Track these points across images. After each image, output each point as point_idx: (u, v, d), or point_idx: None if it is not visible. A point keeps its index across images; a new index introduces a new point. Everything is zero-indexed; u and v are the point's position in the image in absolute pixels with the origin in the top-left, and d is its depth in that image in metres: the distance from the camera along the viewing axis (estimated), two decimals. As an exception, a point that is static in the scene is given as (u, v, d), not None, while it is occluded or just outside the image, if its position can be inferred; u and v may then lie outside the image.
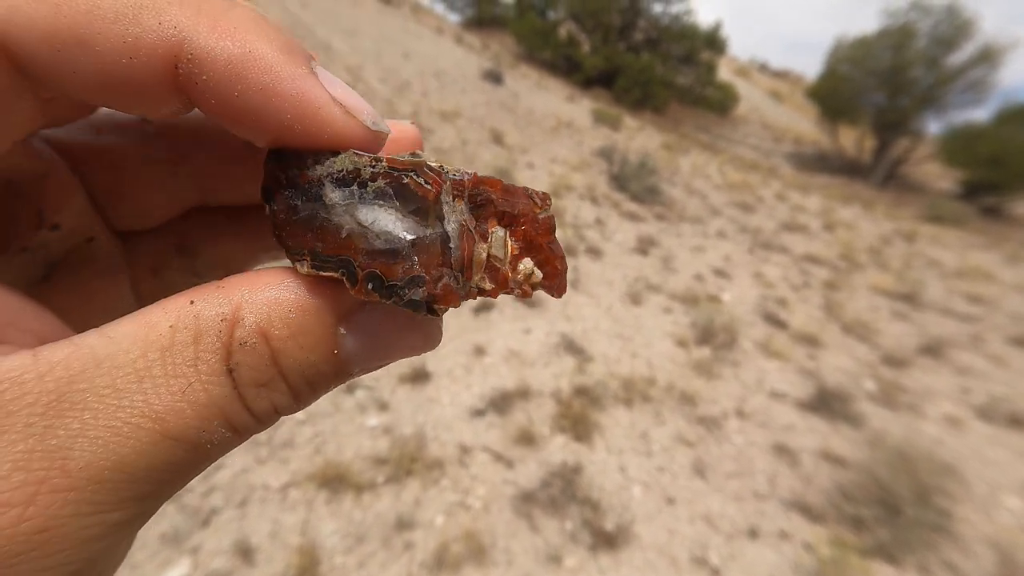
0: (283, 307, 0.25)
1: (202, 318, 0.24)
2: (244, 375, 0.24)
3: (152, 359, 0.23)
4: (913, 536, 2.86)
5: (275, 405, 0.25)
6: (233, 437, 0.25)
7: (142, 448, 0.22)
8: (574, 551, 2.54)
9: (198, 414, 0.23)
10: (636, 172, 8.67)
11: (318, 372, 0.26)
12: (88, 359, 0.22)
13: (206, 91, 0.23)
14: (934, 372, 4.93)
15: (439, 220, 0.25)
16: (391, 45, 12.14)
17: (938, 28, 21.35)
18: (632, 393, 3.69)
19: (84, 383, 0.22)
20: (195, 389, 0.23)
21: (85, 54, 0.21)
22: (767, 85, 40.93)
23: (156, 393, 0.22)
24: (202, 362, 0.23)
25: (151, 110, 0.25)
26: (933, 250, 9.91)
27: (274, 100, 0.23)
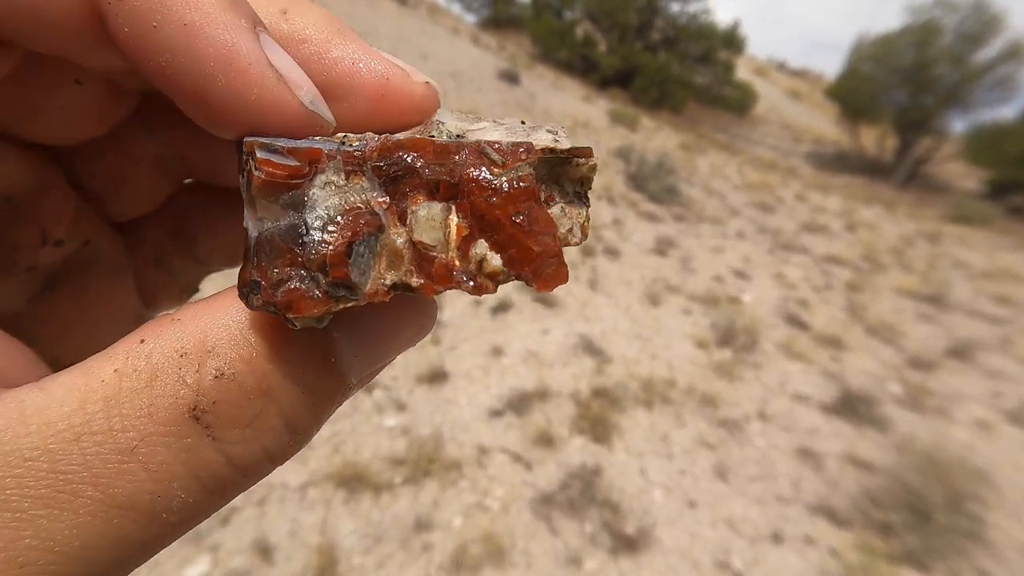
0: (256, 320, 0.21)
1: (155, 356, 0.20)
2: (222, 414, 0.19)
3: (92, 411, 0.18)
4: (944, 543, 2.78)
5: (265, 447, 0.21)
6: (206, 499, 0.20)
7: (81, 523, 0.18)
8: (594, 554, 2.51)
9: (153, 475, 0.18)
10: (654, 172, 8.60)
11: (316, 389, 0.21)
12: (15, 417, 0.18)
13: (120, 15, 0.19)
14: (962, 375, 4.82)
15: (291, 209, 0.20)
16: (408, 46, 12.18)
17: (964, 24, 20.96)
18: (652, 395, 3.65)
19: (6, 444, 0.18)
20: (151, 443, 0.19)
21: None
22: (786, 84, 40.54)
23: (98, 453, 0.18)
24: (158, 408, 0.19)
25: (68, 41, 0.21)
26: (959, 251, 9.73)
27: (196, 42, 0.19)
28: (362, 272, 0.20)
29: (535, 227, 0.22)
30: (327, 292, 0.20)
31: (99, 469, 0.18)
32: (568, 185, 0.26)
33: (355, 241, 0.20)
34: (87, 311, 0.31)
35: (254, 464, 0.21)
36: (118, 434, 0.18)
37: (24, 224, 0.28)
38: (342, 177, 0.21)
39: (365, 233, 0.20)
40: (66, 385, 0.19)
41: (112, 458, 0.18)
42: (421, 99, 0.25)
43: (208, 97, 0.20)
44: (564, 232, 0.24)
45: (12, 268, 0.29)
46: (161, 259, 0.34)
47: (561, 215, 0.24)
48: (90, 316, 0.31)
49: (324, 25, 0.24)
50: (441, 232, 0.21)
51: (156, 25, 0.19)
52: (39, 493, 0.17)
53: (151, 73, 0.20)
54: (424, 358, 3.47)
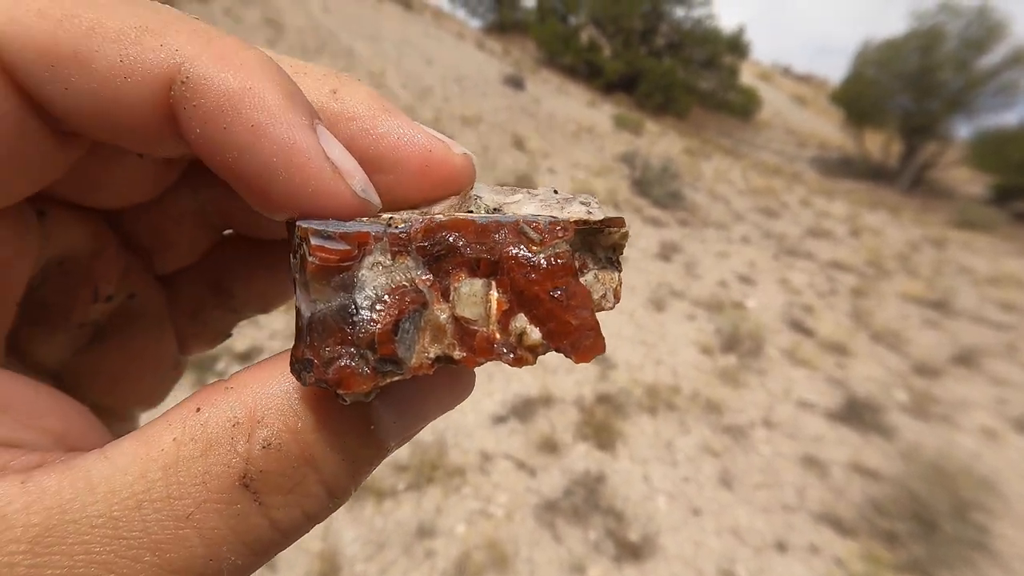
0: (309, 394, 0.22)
1: (210, 426, 0.21)
2: (269, 482, 0.21)
3: (153, 479, 0.20)
4: (950, 552, 2.77)
5: (305, 511, 0.22)
6: (252, 560, 0.21)
7: None
8: (598, 561, 2.50)
9: (206, 540, 0.20)
10: (658, 177, 8.60)
11: (357, 456, 0.23)
12: (82, 485, 0.19)
13: (194, 119, 0.21)
14: (968, 382, 4.79)
15: (341, 290, 0.21)
16: (413, 50, 12.21)
17: (968, 30, 20.94)
18: (656, 401, 3.64)
19: (76, 512, 0.19)
20: (205, 510, 0.20)
21: (80, 71, 0.20)
22: (790, 89, 40.52)
23: (157, 520, 0.19)
24: (212, 477, 0.20)
25: (140, 139, 0.23)
26: (964, 256, 9.70)
27: (262, 141, 0.21)
28: (408, 348, 0.21)
29: (572, 302, 0.23)
30: (375, 368, 0.21)
31: (158, 535, 0.19)
32: (600, 251, 0.27)
33: (401, 319, 0.21)
34: (132, 361, 0.33)
35: (294, 527, 0.22)
36: (175, 501, 0.20)
37: (78, 284, 0.31)
38: (388, 257, 0.22)
39: (411, 310, 0.21)
40: (128, 454, 0.20)
41: (169, 524, 0.19)
42: (460, 169, 0.27)
43: (270, 189, 0.22)
44: (598, 298, 0.26)
45: (64, 324, 0.31)
46: (198, 312, 0.36)
47: (595, 281, 0.26)
48: (135, 366, 0.33)
49: (371, 103, 0.26)
50: (482, 307, 0.22)
51: (226, 128, 0.21)
52: (103, 559, 0.18)
53: (217, 166, 0.22)
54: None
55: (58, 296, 0.30)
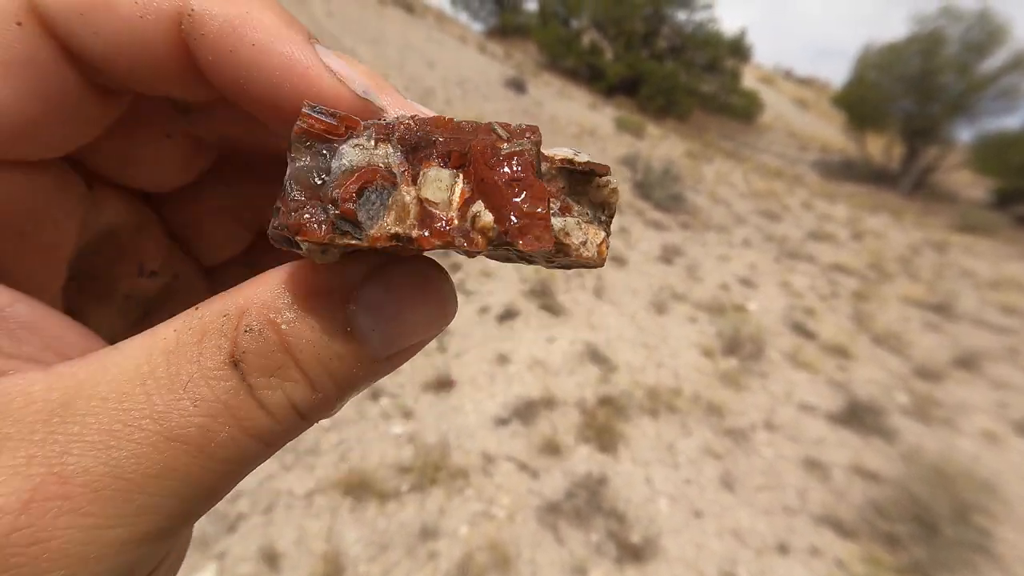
0: (287, 290, 0.24)
1: (206, 318, 0.24)
2: (252, 363, 0.23)
3: (156, 362, 0.22)
4: (951, 556, 2.77)
5: (290, 397, 0.23)
6: (246, 441, 0.23)
7: (141, 452, 0.21)
8: (600, 563, 2.50)
9: (202, 411, 0.22)
10: (660, 180, 8.61)
11: (334, 354, 0.24)
12: (96, 368, 0.22)
13: (203, 47, 0.24)
14: (969, 385, 4.80)
15: (319, 156, 0.23)
16: (415, 54, 12.24)
17: (969, 34, 20.95)
18: (658, 403, 3.64)
19: (89, 389, 0.21)
20: (197, 384, 0.22)
21: (107, 15, 0.23)
22: (792, 92, 40.52)
23: (159, 393, 0.22)
24: (205, 356, 0.23)
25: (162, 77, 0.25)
26: (965, 260, 9.69)
27: (264, 56, 0.24)
28: (370, 216, 0.23)
29: (527, 192, 0.24)
30: (333, 224, 0.22)
31: (159, 406, 0.21)
32: (589, 208, 0.28)
33: (367, 187, 0.23)
34: None
35: (283, 413, 0.23)
36: (174, 377, 0.22)
37: (125, 257, 0.34)
38: (372, 143, 0.24)
39: (379, 185, 0.23)
40: (136, 344, 0.23)
41: (169, 396, 0.21)
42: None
43: (279, 102, 0.25)
44: (577, 243, 0.26)
45: (113, 295, 0.34)
46: None
47: (576, 227, 0.26)
48: None
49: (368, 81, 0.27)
50: (446, 194, 0.24)
51: (232, 50, 0.24)
52: (111, 428, 0.21)
53: (233, 92, 0.25)
54: (430, 365, 3.48)
55: (105, 267, 0.33)
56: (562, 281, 5.04)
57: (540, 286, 4.68)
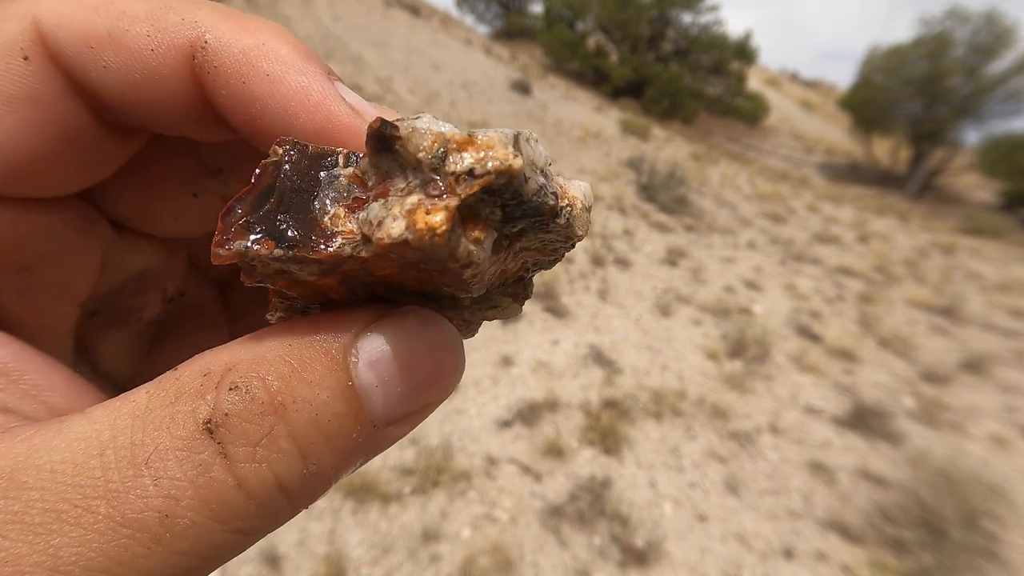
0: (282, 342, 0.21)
1: (183, 378, 0.20)
2: (233, 428, 0.19)
3: (120, 428, 0.19)
4: (958, 561, 2.74)
5: (276, 473, 0.20)
6: (214, 530, 0.19)
7: (85, 540, 0.17)
8: (603, 567, 2.49)
9: (162, 491, 0.18)
10: (665, 182, 8.60)
11: (333, 414, 0.21)
12: (53, 434, 0.19)
13: (216, 81, 0.23)
14: (977, 389, 4.76)
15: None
16: (421, 57, 12.26)
17: (976, 36, 20.85)
18: (662, 406, 3.63)
19: (40, 458, 0.18)
20: (163, 455, 0.19)
21: (115, 49, 0.22)
22: (798, 95, 40.43)
23: (117, 466, 0.18)
24: (176, 422, 0.19)
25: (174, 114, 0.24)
26: (973, 263, 9.63)
27: (278, 87, 0.23)
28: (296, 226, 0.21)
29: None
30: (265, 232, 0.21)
31: (115, 483, 0.18)
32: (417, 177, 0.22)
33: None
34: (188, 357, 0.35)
35: (263, 491, 0.20)
36: (137, 447, 0.19)
37: (151, 290, 0.33)
38: None
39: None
40: (104, 407, 0.20)
41: (128, 471, 0.18)
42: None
43: (292, 131, 0.23)
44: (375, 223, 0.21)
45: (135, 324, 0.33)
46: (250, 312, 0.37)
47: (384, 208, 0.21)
48: None
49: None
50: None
51: (244, 81, 0.23)
52: (56, 507, 0.18)
53: (246, 126, 0.24)
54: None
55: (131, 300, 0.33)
56: (566, 284, 5.03)
57: (544, 289, 4.67)
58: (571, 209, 0.23)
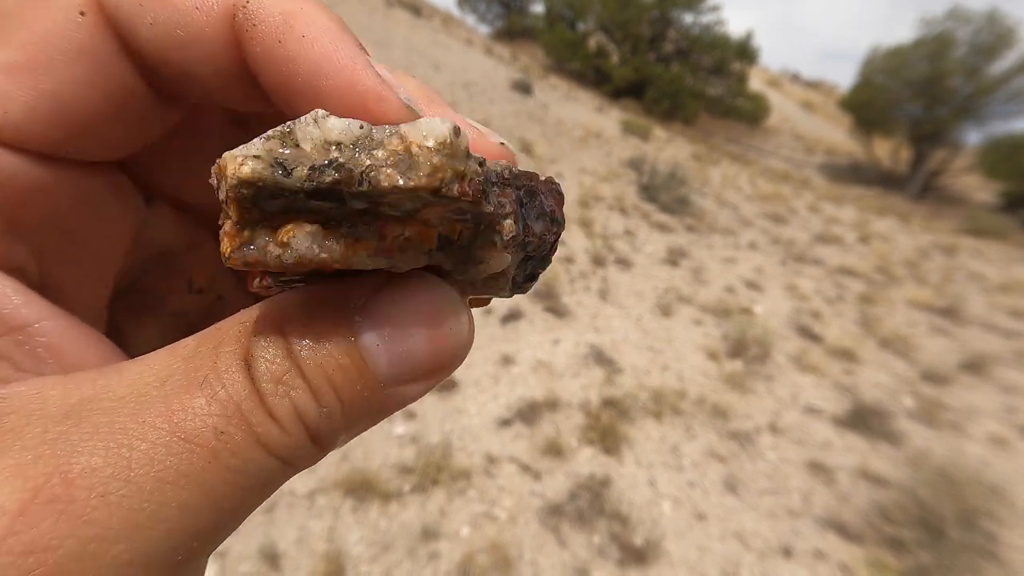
0: (300, 300, 0.24)
1: (223, 327, 0.24)
2: (260, 367, 0.22)
3: (175, 367, 0.22)
4: (957, 560, 2.74)
5: (296, 405, 0.22)
6: (259, 452, 0.22)
7: (154, 454, 0.19)
8: (602, 566, 2.49)
9: (216, 410, 0.21)
10: (666, 183, 8.60)
11: (336, 365, 0.23)
12: (114, 375, 0.22)
13: (253, 38, 0.24)
14: (977, 390, 4.76)
15: None
16: (422, 57, 12.28)
17: (978, 37, 20.84)
18: (662, 406, 3.63)
19: (106, 392, 0.21)
20: (212, 383, 0.21)
21: (163, 5, 0.23)
22: (799, 96, 40.42)
23: (175, 393, 0.21)
24: (221, 358, 0.22)
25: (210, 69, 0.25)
26: (974, 263, 9.63)
27: (311, 47, 0.24)
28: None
29: None
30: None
31: (175, 405, 0.21)
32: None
33: None
34: None
35: (291, 423, 0.22)
36: (191, 377, 0.22)
37: (175, 274, 0.35)
38: None
39: None
40: (157, 353, 0.23)
41: (184, 395, 0.21)
42: (499, 157, 0.28)
43: (322, 94, 0.24)
44: None
45: (159, 312, 0.34)
46: None
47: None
48: None
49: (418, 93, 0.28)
50: None
51: (281, 40, 0.24)
52: (124, 426, 0.20)
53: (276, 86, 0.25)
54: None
55: (155, 283, 0.34)
56: (567, 283, 5.04)
57: (545, 288, 4.67)
58: (389, 164, 0.21)
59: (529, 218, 0.26)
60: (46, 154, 0.25)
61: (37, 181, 0.25)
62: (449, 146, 0.21)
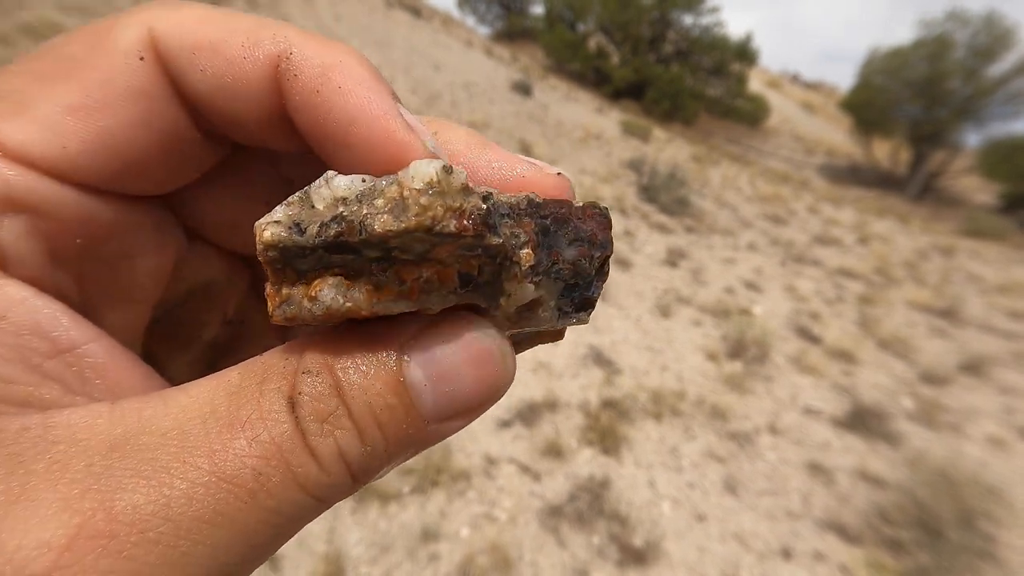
0: (348, 338, 0.25)
1: (269, 361, 0.24)
2: (306, 406, 0.23)
3: (218, 402, 0.22)
4: (956, 561, 2.75)
5: (340, 447, 0.23)
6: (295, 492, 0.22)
7: (194, 493, 0.20)
8: (602, 567, 2.50)
9: (256, 451, 0.21)
10: (665, 183, 8.60)
11: (385, 404, 0.24)
12: (159, 405, 0.22)
13: (295, 88, 0.25)
14: (976, 391, 4.77)
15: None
16: (422, 57, 12.27)
17: (976, 38, 20.87)
18: (661, 407, 3.63)
19: (151, 425, 0.21)
20: (255, 424, 0.22)
21: (213, 55, 0.25)
22: (799, 97, 40.44)
23: (217, 431, 0.22)
24: (265, 397, 0.23)
25: (254, 113, 0.27)
26: (973, 265, 9.64)
27: (346, 98, 0.25)
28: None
29: None
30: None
31: (215, 444, 0.21)
32: None
33: None
34: None
35: (332, 463, 0.23)
36: (234, 416, 0.22)
37: (212, 308, 0.36)
38: None
39: None
40: (201, 385, 0.23)
41: (226, 435, 0.21)
42: (554, 189, 0.29)
43: (353, 141, 0.26)
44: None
45: (194, 343, 0.36)
46: None
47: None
48: None
49: (468, 139, 0.29)
50: None
51: (319, 91, 0.25)
52: (168, 464, 0.20)
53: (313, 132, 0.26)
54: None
55: (193, 315, 0.35)
56: (566, 284, 5.03)
57: (544, 289, 4.67)
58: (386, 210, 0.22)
59: (559, 246, 0.27)
60: (96, 187, 0.26)
61: (85, 213, 0.26)
62: (437, 184, 0.22)
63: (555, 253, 0.26)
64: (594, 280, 0.28)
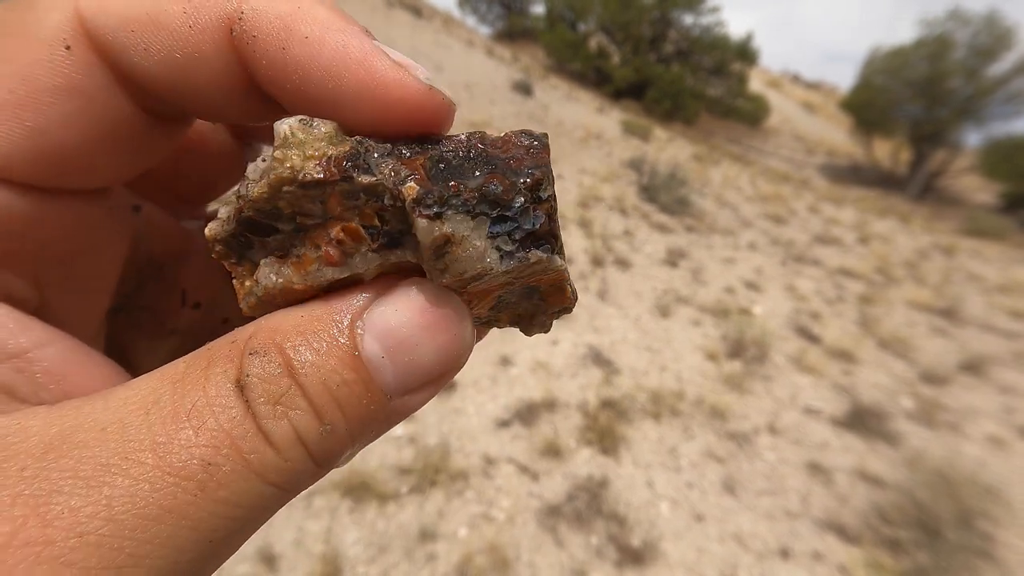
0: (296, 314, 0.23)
1: (214, 348, 0.23)
2: (256, 388, 0.21)
3: (162, 392, 0.21)
4: (954, 561, 2.74)
5: (296, 428, 0.21)
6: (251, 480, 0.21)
7: (135, 489, 0.19)
8: (600, 567, 2.49)
9: (204, 440, 0.20)
10: (666, 183, 8.59)
11: (342, 380, 0.22)
12: (100, 402, 0.21)
13: (257, 51, 0.23)
14: (975, 390, 4.76)
15: None
16: (423, 58, 12.26)
17: (977, 38, 20.85)
18: (660, 407, 3.63)
19: (89, 421, 0.20)
20: (201, 411, 0.20)
21: (155, 30, 0.22)
22: (800, 96, 40.41)
23: (161, 422, 0.20)
24: (211, 382, 0.21)
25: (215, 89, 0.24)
26: (973, 264, 9.63)
27: (318, 48, 0.22)
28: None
29: None
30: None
31: (160, 436, 0.20)
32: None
33: None
34: None
35: (289, 446, 0.21)
36: (178, 404, 0.20)
37: (169, 288, 0.34)
38: None
39: None
40: (145, 377, 0.22)
41: (171, 426, 0.20)
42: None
43: (340, 95, 0.23)
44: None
45: (161, 329, 0.34)
46: None
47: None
48: None
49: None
50: None
51: (284, 48, 0.22)
52: (108, 461, 0.19)
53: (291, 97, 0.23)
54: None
55: (153, 299, 0.33)
56: (566, 284, 5.03)
57: (543, 289, 4.66)
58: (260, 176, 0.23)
59: (462, 177, 0.24)
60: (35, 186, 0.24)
61: (28, 213, 0.24)
62: (292, 137, 0.22)
63: (455, 185, 0.23)
64: (528, 208, 0.24)
